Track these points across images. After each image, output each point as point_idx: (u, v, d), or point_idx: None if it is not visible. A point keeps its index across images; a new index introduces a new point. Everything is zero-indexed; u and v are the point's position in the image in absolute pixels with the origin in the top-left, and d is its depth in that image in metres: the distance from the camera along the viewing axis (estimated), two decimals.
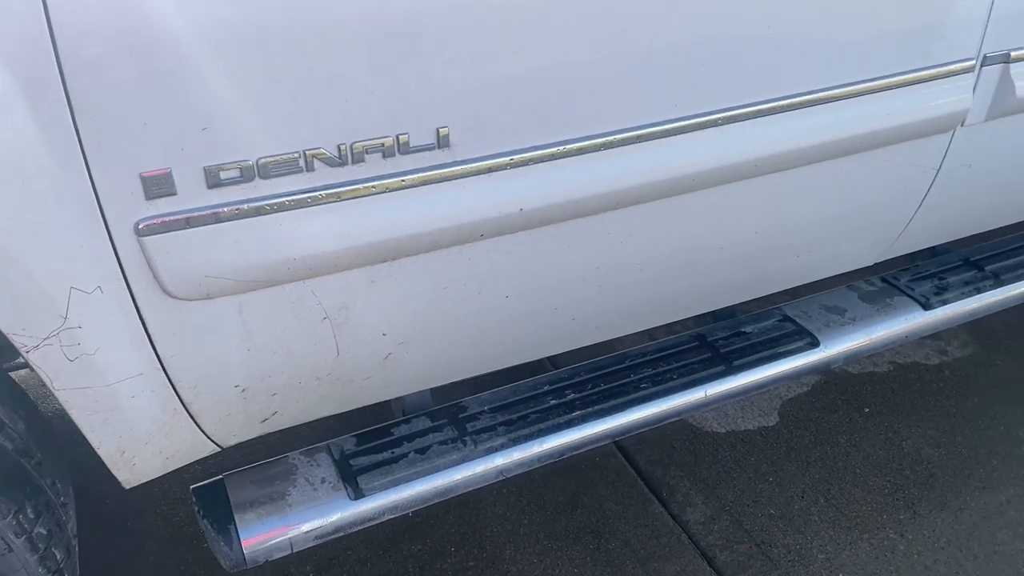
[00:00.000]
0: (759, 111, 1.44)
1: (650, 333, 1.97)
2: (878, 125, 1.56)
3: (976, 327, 2.77)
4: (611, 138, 1.33)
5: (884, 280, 2.14)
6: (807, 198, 1.65)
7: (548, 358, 1.89)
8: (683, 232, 1.54)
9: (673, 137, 1.38)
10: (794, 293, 2.02)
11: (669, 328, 1.94)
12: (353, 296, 1.30)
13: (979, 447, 2.33)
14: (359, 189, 1.18)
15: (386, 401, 1.65)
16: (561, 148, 1.30)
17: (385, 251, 1.26)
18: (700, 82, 1.37)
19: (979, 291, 2.09)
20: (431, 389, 1.67)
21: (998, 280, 2.12)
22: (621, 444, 2.34)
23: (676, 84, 1.35)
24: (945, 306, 2.04)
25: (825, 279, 1.95)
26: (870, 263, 1.99)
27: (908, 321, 2.01)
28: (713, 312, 1.95)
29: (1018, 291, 2.11)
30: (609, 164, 1.34)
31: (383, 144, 1.17)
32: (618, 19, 1.26)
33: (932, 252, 2.25)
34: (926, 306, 2.03)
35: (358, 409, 1.58)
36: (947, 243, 2.19)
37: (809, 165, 1.57)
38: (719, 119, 1.40)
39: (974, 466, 2.27)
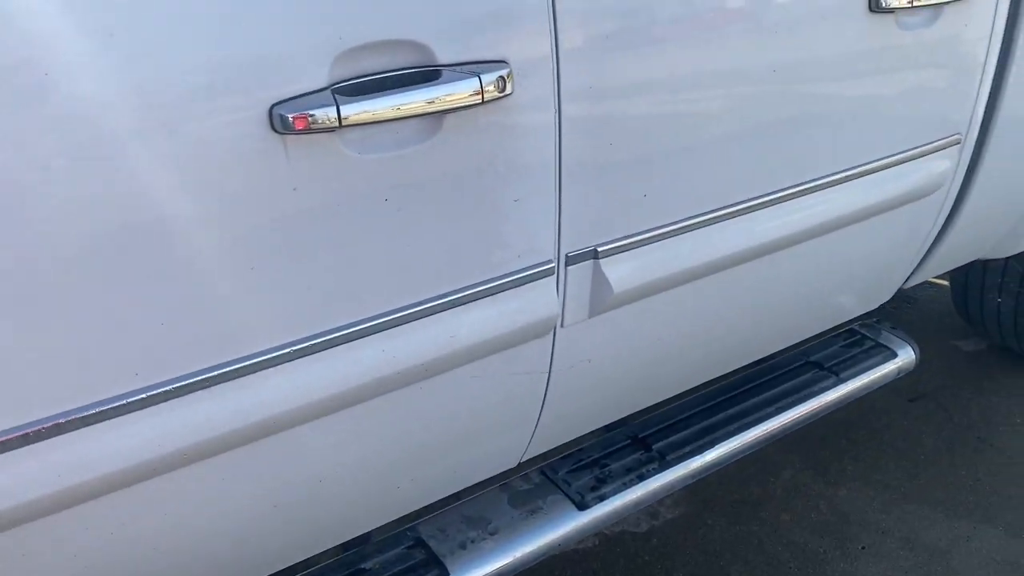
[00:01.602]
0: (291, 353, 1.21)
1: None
2: (445, 350, 1.36)
3: None
4: (125, 402, 1.07)
5: (542, 472, 1.94)
6: (394, 427, 1.43)
7: None
8: (246, 484, 1.28)
9: (192, 395, 1.13)
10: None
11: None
12: None
13: None
14: None
15: None
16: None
17: None
18: (192, 342, 1.12)
19: (642, 478, 1.92)
20: None
21: (663, 462, 1.96)
22: None
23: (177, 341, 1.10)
24: (603, 503, 1.85)
25: None
26: (513, 465, 1.79)
27: (559, 527, 1.80)
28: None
29: (681, 472, 1.96)
30: (122, 435, 1.09)
31: None
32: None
33: (606, 427, 2.09)
34: (581, 505, 1.84)
35: None
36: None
37: (379, 397, 1.35)
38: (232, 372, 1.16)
39: None
